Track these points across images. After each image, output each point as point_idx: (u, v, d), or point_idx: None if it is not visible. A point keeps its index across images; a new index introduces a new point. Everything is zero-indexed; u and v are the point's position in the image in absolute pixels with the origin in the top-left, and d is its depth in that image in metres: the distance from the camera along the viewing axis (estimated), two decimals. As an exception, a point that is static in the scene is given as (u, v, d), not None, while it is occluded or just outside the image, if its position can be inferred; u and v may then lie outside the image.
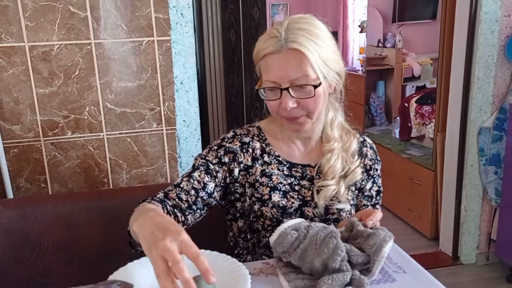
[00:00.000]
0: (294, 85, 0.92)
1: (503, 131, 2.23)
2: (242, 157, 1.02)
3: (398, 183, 2.96)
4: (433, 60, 2.72)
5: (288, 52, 0.91)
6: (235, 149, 1.02)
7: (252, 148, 1.03)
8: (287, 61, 0.91)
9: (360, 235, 0.84)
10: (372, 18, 3.56)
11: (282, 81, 0.92)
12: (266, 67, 0.94)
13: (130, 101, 1.67)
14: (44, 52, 1.55)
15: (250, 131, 1.07)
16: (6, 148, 1.59)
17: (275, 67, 0.92)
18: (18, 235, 1.17)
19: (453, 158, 2.39)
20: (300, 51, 0.90)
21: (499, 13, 2.10)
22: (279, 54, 0.92)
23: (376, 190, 1.12)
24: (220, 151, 1.02)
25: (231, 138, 1.04)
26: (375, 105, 3.56)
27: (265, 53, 0.93)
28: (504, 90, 2.22)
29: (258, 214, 1.00)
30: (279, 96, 0.94)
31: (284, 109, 0.94)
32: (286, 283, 0.81)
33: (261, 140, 1.05)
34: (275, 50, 0.92)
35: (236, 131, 1.06)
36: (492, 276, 2.33)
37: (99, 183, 1.70)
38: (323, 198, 1.00)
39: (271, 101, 0.96)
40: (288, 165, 1.04)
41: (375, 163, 1.11)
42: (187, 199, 0.97)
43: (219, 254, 0.90)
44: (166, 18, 1.63)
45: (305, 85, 0.92)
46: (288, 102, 0.93)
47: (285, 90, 0.92)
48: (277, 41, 0.92)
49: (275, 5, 5.39)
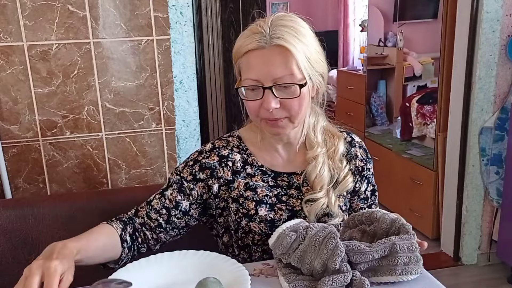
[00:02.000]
0: (278, 84, 0.87)
1: (504, 131, 2.22)
2: (222, 171, 0.97)
3: (399, 183, 2.95)
4: (434, 60, 2.71)
5: (273, 48, 0.86)
6: (212, 165, 0.97)
7: (232, 161, 0.98)
8: (271, 58, 0.86)
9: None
10: (373, 17, 3.55)
11: (266, 79, 0.87)
12: (248, 64, 0.89)
13: (129, 101, 1.66)
14: (43, 52, 1.54)
15: (230, 142, 1.01)
16: (4, 148, 1.58)
17: (258, 65, 0.87)
18: (17, 236, 1.17)
19: (454, 158, 2.38)
20: (286, 48, 0.86)
21: (500, 12, 2.09)
22: (262, 51, 0.86)
23: (370, 190, 1.08)
24: (195, 167, 0.97)
25: (208, 152, 0.98)
26: (376, 104, 3.55)
27: (248, 49, 0.88)
28: (506, 89, 2.21)
29: (246, 230, 0.96)
30: (260, 96, 0.88)
31: (267, 109, 0.88)
32: (286, 284, 0.80)
33: (242, 150, 1.00)
34: (259, 46, 0.86)
35: (214, 144, 1.01)
36: (493, 277, 2.32)
37: (98, 183, 1.69)
38: (313, 214, 0.95)
39: (251, 101, 0.90)
40: (273, 175, 0.99)
41: (367, 163, 1.06)
42: (156, 218, 0.96)
43: (218, 255, 0.89)
44: (166, 17, 1.62)
45: (290, 85, 0.87)
46: (271, 102, 0.87)
47: (268, 89, 0.87)
48: (261, 37, 0.86)
49: (275, 4, 5.38)
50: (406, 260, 0.80)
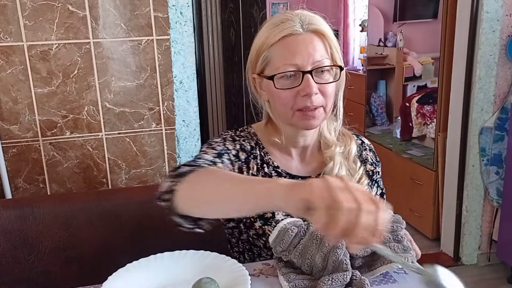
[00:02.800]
0: (318, 67, 0.84)
1: (504, 131, 2.21)
2: (252, 162, 0.92)
3: (399, 183, 2.95)
4: (434, 60, 2.71)
5: (310, 34, 0.85)
6: (248, 151, 0.93)
7: (254, 156, 0.94)
8: (310, 42, 0.84)
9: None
10: (373, 17, 3.55)
11: (306, 63, 0.83)
12: (284, 50, 0.85)
13: (129, 101, 1.66)
14: (43, 52, 1.54)
15: (249, 136, 0.96)
16: (4, 148, 1.58)
17: (297, 49, 0.84)
18: (17, 236, 1.17)
19: (454, 158, 2.38)
20: (322, 33, 0.85)
21: (500, 12, 2.09)
22: (299, 36, 0.84)
23: (380, 193, 1.06)
24: (236, 145, 0.92)
25: (242, 137, 0.94)
26: (376, 104, 3.54)
27: (282, 35, 0.85)
28: (506, 89, 2.21)
29: (260, 232, 0.92)
30: (298, 82, 0.84)
31: (309, 94, 0.84)
32: (286, 283, 0.80)
33: (259, 148, 0.96)
34: (295, 31, 0.84)
35: (237, 133, 0.97)
36: (493, 277, 2.32)
37: (98, 184, 1.69)
38: None
39: (287, 90, 0.85)
40: (288, 178, 0.95)
41: (376, 166, 1.04)
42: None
43: (218, 255, 0.89)
44: (166, 17, 1.62)
45: (331, 67, 0.86)
46: (314, 86, 0.83)
47: (308, 73, 0.83)
48: (294, 23, 0.85)
49: (275, 4, 5.37)
50: (394, 249, 0.80)
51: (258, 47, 0.89)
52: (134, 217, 1.23)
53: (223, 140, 0.93)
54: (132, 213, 1.24)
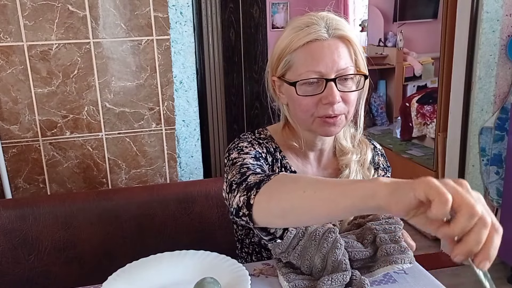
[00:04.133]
0: (342, 76, 0.82)
1: (504, 131, 2.21)
2: (275, 166, 0.91)
3: (399, 183, 2.95)
4: (434, 60, 2.71)
5: (336, 40, 0.82)
6: (272, 153, 0.91)
7: (276, 159, 0.91)
8: (335, 49, 0.82)
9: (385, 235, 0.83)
10: (373, 17, 3.55)
11: (330, 71, 0.81)
12: (308, 56, 0.82)
13: (129, 101, 1.66)
14: (43, 52, 1.54)
15: (268, 139, 0.94)
16: (4, 148, 1.58)
17: (322, 56, 0.81)
18: (17, 236, 1.17)
19: (454, 158, 2.38)
20: (348, 39, 0.83)
21: (500, 12, 2.09)
22: (324, 42, 0.81)
23: None
24: (263, 148, 0.90)
25: (264, 139, 0.92)
26: (376, 104, 3.55)
27: (307, 40, 0.81)
28: (506, 89, 2.21)
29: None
30: (321, 90, 0.82)
31: (331, 103, 0.81)
32: (286, 283, 0.80)
33: (278, 151, 0.93)
34: (320, 37, 0.81)
35: (256, 135, 0.95)
36: (493, 277, 2.27)
37: (98, 184, 1.69)
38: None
39: (309, 97, 0.83)
40: None
41: (387, 172, 1.02)
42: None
43: (218, 255, 0.89)
44: (166, 17, 1.62)
45: (355, 76, 0.83)
46: (337, 95, 0.81)
47: (332, 81, 0.81)
48: (320, 28, 0.82)
49: (275, 4, 5.37)
50: (390, 250, 0.80)
51: (281, 50, 0.86)
52: (134, 217, 1.23)
53: (250, 144, 0.89)
54: (132, 213, 1.24)
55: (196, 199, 1.27)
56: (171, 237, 1.26)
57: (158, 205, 1.24)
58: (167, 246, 0.97)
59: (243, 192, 0.72)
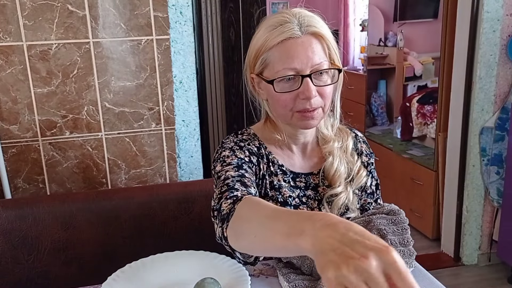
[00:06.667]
0: (317, 71, 0.86)
1: (505, 131, 2.21)
2: (262, 163, 0.94)
3: (399, 184, 2.95)
4: (434, 59, 2.71)
5: (309, 36, 0.86)
6: (256, 152, 0.93)
7: (261, 156, 0.95)
8: (309, 46, 0.85)
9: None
10: (373, 16, 3.55)
11: (305, 67, 0.85)
12: (284, 54, 0.85)
13: (128, 101, 1.65)
14: (42, 51, 1.54)
15: (251, 138, 0.97)
16: (4, 148, 1.57)
17: (296, 53, 0.85)
18: (16, 236, 1.16)
19: (454, 158, 2.37)
20: (321, 35, 0.86)
21: (501, 12, 2.09)
22: (298, 40, 0.85)
23: (375, 185, 1.07)
24: (245, 151, 0.92)
25: (246, 140, 0.95)
26: (376, 104, 3.54)
27: (281, 38, 0.85)
28: (506, 89, 2.21)
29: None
30: (297, 86, 0.86)
31: (308, 98, 0.85)
32: (286, 283, 0.80)
33: (263, 147, 0.97)
34: (294, 35, 0.85)
35: (238, 137, 0.98)
36: (494, 277, 2.32)
37: (97, 184, 1.69)
38: (336, 209, 0.94)
39: (286, 93, 0.87)
40: (292, 175, 0.97)
41: (370, 157, 1.07)
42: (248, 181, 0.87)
43: (218, 255, 0.89)
44: (165, 17, 1.61)
45: (329, 70, 0.87)
46: (313, 90, 0.85)
47: (307, 77, 0.85)
48: (294, 26, 0.85)
49: (275, 3, 5.37)
50: (400, 254, 0.79)
51: (257, 49, 0.90)
52: (134, 217, 1.23)
53: (231, 151, 0.92)
54: (132, 213, 1.23)
55: (196, 199, 1.27)
56: (171, 237, 1.26)
57: (158, 205, 1.24)
58: (167, 246, 0.97)
59: (219, 223, 0.77)
